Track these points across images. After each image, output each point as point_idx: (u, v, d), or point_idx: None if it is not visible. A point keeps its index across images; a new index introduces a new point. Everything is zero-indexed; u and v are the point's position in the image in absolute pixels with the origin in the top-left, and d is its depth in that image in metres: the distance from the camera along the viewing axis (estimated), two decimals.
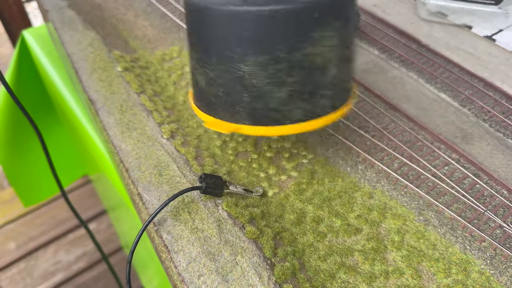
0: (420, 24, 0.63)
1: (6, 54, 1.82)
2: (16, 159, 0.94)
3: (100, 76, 0.49)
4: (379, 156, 0.43)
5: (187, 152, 0.41)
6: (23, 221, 1.30)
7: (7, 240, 1.25)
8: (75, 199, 1.36)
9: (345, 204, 0.38)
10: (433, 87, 0.52)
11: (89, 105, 0.48)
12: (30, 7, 1.73)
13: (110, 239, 1.25)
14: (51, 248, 1.24)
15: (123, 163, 0.40)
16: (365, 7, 0.66)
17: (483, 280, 0.33)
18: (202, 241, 0.34)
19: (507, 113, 0.48)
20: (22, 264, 1.20)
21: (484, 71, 0.54)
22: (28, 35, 0.78)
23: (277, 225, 0.36)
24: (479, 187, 0.40)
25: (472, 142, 0.44)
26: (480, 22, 0.62)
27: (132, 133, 0.42)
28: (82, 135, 0.68)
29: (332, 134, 0.44)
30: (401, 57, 0.56)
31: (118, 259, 1.21)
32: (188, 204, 0.36)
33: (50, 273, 1.18)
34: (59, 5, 0.60)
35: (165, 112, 0.45)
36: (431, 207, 0.38)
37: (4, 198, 1.35)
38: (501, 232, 0.37)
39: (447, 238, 0.36)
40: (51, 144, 0.96)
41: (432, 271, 0.34)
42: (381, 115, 0.48)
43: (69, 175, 1.08)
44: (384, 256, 0.35)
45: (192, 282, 0.31)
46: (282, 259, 0.33)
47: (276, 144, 0.44)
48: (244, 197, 0.38)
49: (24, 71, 0.83)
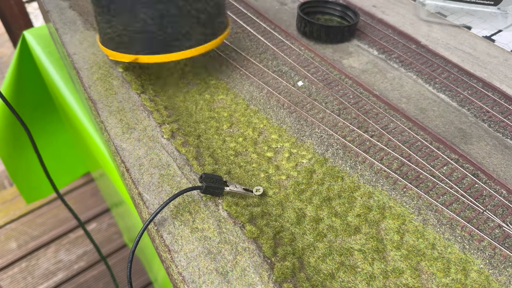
0: (419, 24, 0.63)
1: (7, 54, 1.82)
2: (17, 157, 0.94)
3: (101, 76, 0.49)
4: (378, 156, 0.43)
5: (187, 152, 0.41)
6: (24, 221, 1.30)
7: (9, 239, 1.26)
8: (76, 199, 1.36)
9: (344, 203, 0.38)
10: (432, 87, 0.52)
11: (90, 105, 0.49)
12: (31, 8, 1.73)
13: (112, 238, 1.26)
14: (52, 247, 1.24)
15: (124, 163, 0.40)
16: (365, 8, 0.66)
17: (482, 279, 0.33)
18: (202, 241, 0.34)
19: (506, 113, 0.48)
20: (23, 263, 1.20)
21: (483, 71, 0.54)
22: (29, 35, 0.78)
23: (277, 225, 0.36)
24: (478, 187, 0.40)
25: (471, 142, 0.45)
26: (479, 23, 0.63)
27: (133, 133, 0.43)
28: (83, 135, 0.68)
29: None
30: (400, 58, 0.56)
31: (119, 259, 1.22)
32: (189, 204, 0.36)
33: (51, 272, 1.19)
34: (60, 5, 0.61)
35: (166, 112, 0.46)
36: (430, 206, 0.38)
37: (5, 198, 1.36)
38: (500, 231, 0.37)
39: (446, 238, 0.36)
40: (53, 142, 0.97)
41: (431, 271, 0.34)
42: (380, 115, 0.48)
43: (71, 172, 1.09)
44: (383, 255, 0.35)
45: (193, 282, 0.31)
46: (282, 259, 0.33)
47: (276, 144, 0.44)
48: (244, 197, 0.38)
49: (25, 71, 0.84)
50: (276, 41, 0.59)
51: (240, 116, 0.47)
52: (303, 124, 0.46)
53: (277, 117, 0.47)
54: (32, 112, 0.90)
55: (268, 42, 0.58)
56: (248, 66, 0.54)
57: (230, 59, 0.55)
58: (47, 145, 0.95)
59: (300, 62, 0.55)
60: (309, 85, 0.52)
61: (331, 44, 0.59)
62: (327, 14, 0.63)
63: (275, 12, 0.65)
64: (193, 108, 0.48)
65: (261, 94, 0.50)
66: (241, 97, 0.50)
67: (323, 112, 0.48)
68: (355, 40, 0.60)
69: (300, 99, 0.49)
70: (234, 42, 0.58)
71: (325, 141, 0.44)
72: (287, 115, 0.47)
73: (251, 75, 0.52)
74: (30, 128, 0.90)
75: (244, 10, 0.65)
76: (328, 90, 0.51)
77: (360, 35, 0.61)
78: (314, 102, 0.49)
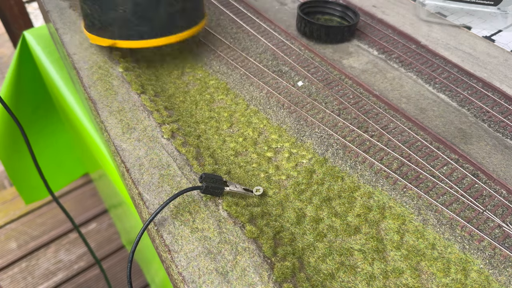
0: (419, 24, 0.63)
1: (7, 54, 1.82)
2: (16, 157, 0.94)
3: (101, 76, 0.49)
4: (378, 156, 0.43)
5: (187, 152, 0.41)
6: (24, 221, 1.30)
7: (9, 239, 1.26)
8: (76, 199, 1.36)
9: (344, 204, 0.38)
10: (432, 87, 0.52)
11: (90, 105, 0.49)
12: (31, 8, 1.74)
13: (112, 239, 1.26)
14: (52, 247, 1.24)
15: (124, 163, 0.40)
16: (365, 8, 0.66)
17: (482, 279, 0.33)
18: (202, 241, 0.34)
19: (506, 113, 0.48)
20: (23, 263, 1.20)
21: (483, 71, 0.54)
22: (29, 35, 0.78)
23: (277, 225, 0.36)
24: (478, 187, 0.40)
25: (471, 142, 0.45)
26: (479, 23, 0.63)
27: (133, 133, 0.43)
28: (83, 135, 0.68)
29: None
30: (400, 58, 0.56)
31: (118, 259, 1.22)
32: (189, 204, 0.36)
33: (51, 272, 1.19)
34: (60, 5, 0.61)
35: (166, 112, 0.46)
36: (430, 206, 0.38)
37: (5, 198, 1.36)
38: (500, 231, 0.37)
39: (446, 238, 0.36)
40: (53, 143, 0.97)
41: (431, 271, 0.34)
42: (380, 115, 0.48)
43: (70, 174, 1.09)
44: (383, 255, 0.35)
45: (193, 282, 0.31)
46: (282, 259, 0.33)
47: (276, 144, 0.44)
48: (244, 197, 0.38)
49: (25, 72, 0.84)
50: (276, 41, 0.59)
51: (240, 116, 0.47)
52: (303, 124, 0.46)
53: (277, 117, 0.47)
54: (32, 112, 0.90)
55: (268, 42, 0.58)
56: (248, 66, 0.54)
57: (230, 58, 0.55)
58: (46, 146, 0.95)
59: (300, 62, 0.55)
60: (309, 85, 0.52)
61: (331, 44, 0.59)
62: (327, 14, 0.63)
63: (275, 12, 0.65)
64: (193, 108, 0.48)
65: (261, 94, 0.50)
66: (241, 97, 0.50)
67: (323, 112, 0.48)
68: (355, 40, 0.60)
69: (300, 99, 0.49)
70: (233, 41, 0.58)
71: (325, 141, 0.44)
72: (287, 115, 0.47)
73: (251, 75, 0.52)
74: (30, 129, 0.90)
75: (244, 10, 0.65)
76: (328, 90, 0.51)
77: (360, 35, 0.61)
78: (314, 102, 0.49)
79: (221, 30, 0.61)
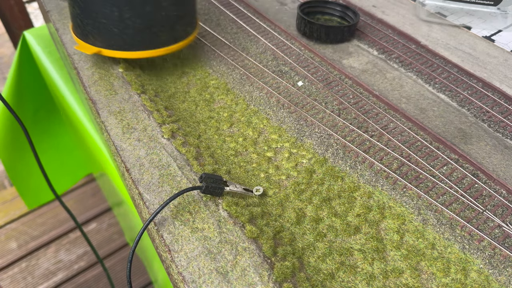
0: (419, 24, 0.63)
1: (7, 54, 1.82)
2: (18, 160, 0.94)
3: (101, 76, 0.49)
4: (378, 156, 0.43)
5: (187, 152, 0.41)
6: (24, 221, 1.30)
7: (9, 239, 1.26)
8: (77, 199, 1.36)
9: (344, 203, 0.38)
10: (432, 87, 0.52)
11: (90, 106, 0.49)
12: (31, 8, 1.74)
13: (112, 238, 1.26)
14: (52, 247, 1.24)
15: (124, 163, 0.40)
16: (365, 8, 0.66)
17: (482, 279, 0.33)
18: (202, 241, 0.34)
19: (505, 113, 0.48)
20: (23, 263, 1.20)
21: (483, 71, 0.54)
22: (29, 35, 0.78)
23: (277, 225, 0.36)
24: (478, 187, 0.40)
25: (471, 142, 0.45)
26: (479, 23, 0.63)
27: (133, 133, 0.43)
28: (84, 135, 0.68)
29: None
30: (400, 58, 0.56)
31: (119, 258, 1.22)
32: (189, 204, 0.36)
33: (51, 272, 1.19)
34: (60, 5, 0.61)
35: (166, 112, 0.46)
36: (430, 206, 0.38)
37: (5, 198, 1.36)
38: (500, 231, 0.37)
39: (446, 238, 0.36)
40: (55, 144, 0.96)
41: (431, 271, 0.34)
42: (380, 115, 0.48)
43: (73, 175, 1.09)
44: (383, 255, 0.35)
45: (193, 282, 0.31)
46: (282, 258, 0.33)
47: (276, 144, 0.44)
48: (244, 197, 0.38)
49: (26, 72, 0.83)
50: (276, 41, 0.59)
51: (240, 116, 0.47)
52: (303, 124, 0.46)
53: (277, 117, 0.47)
54: (34, 114, 0.90)
55: (268, 42, 0.58)
56: (248, 66, 0.54)
57: (230, 58, 0.55)
58: (49, 148, 0.95)
59: (300, 62, 0.55)
60: (309, 85, 0.52)
61: (331, 44, 0.59)
62: (327, 14, 0.63)
63: (275, 12, 0.65)
64: (193, 108, 0.48)
65: (261, 94, 0.50)
66: (241, 97, 0.50)
67: (323, 112, 0.48)
68: (355, 40, 0.60)
69: (300, 99, 0.49)
70: (233, 41, 0.59)
71: (325, 141, 0.44)
72: (287, 115, 0.47)
73: (251, 75, 0.52)
74: (32, 130, 0.90)
75: (244, 10, 0.65)
76: (328, 90, 0.51)
77: (360, 35, 0.61)
78: (314, 102, 0.49)
79: (221, 30, 0.61)
